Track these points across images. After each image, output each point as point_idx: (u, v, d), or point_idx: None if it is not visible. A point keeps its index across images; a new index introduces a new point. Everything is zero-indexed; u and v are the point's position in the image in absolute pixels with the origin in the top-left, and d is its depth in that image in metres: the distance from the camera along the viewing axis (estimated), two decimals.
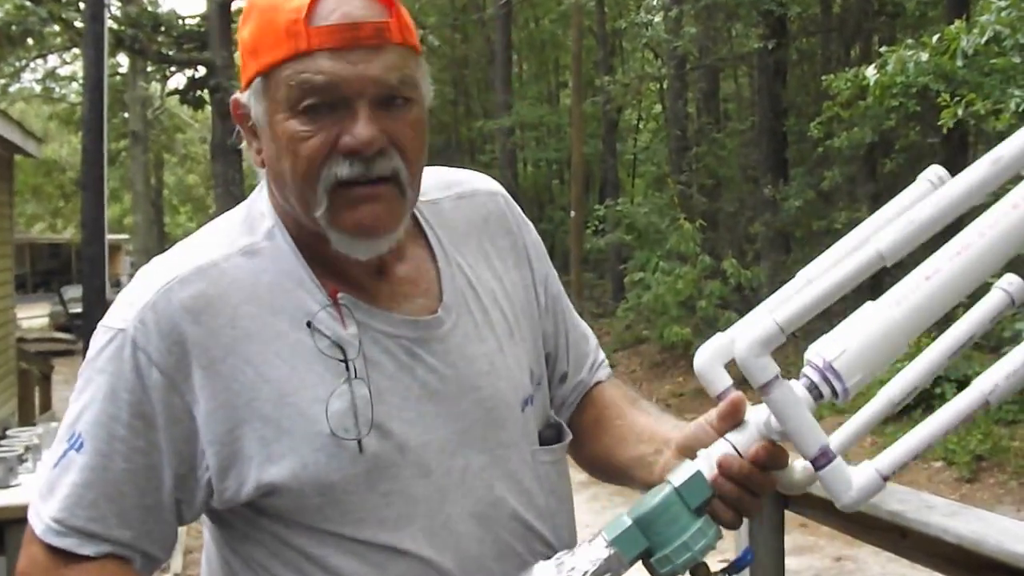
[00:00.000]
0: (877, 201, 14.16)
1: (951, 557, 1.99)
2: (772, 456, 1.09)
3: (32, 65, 23.79)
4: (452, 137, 27.99)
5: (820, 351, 1.03)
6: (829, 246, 1.27)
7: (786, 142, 15.29)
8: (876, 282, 1.41)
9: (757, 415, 1.11)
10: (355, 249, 1.13)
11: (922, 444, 1.03)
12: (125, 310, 1.14)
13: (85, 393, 1.14)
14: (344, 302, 1.14)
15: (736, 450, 1.09)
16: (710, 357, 1.21)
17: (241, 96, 1.16)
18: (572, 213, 18.17)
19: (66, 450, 1.13)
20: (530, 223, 1.39)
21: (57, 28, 16.52)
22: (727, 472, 1.08)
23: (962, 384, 10.47)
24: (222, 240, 1.18)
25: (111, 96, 12.34)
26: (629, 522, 1.06)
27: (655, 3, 17.38)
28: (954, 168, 1.10)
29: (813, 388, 1.04)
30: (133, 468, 1.12)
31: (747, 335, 1.00)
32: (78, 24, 13.98)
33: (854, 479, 1.03)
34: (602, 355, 1.44)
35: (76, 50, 19.96)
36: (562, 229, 22.27)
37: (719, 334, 1.22)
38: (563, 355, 1.37)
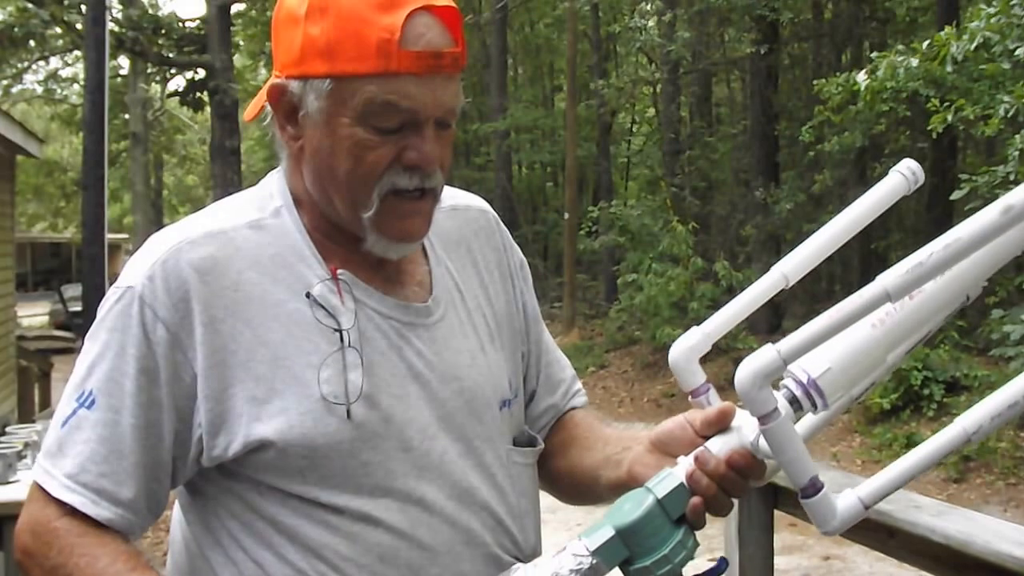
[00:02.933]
0: None
1: (939, 556, 2.02)
2: (751, 467, 1.12)
3: (34, 67, 23.75)
4: None
5: (805, 367, 1.04)
6: None
7: (777, 146, 15.35)
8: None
9: (743, 424, 1.13)
10: (390, 251, 1.22)
11: (904, 477, 1.05)
12: (134, 269, 1.18)
13: (93, 351, 1.17)
14: (343, 278, 1.20)
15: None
16: (685, 352, 1.21)
17: (291, 84, 1.17)
18: (566, 215, 18.22)
19: (76, 408, 1.15)
20: (517, 247, 1.44)
21: (59, 30, 16.46)
22: (704, 467, 1.11)
23: (950, 385, 10.40)
24: (231, 213, 1.23)
25: (112, 98, 12.33)
26: (612, 532, 1.06)
27: (649, 8, 17.42)
28: (943, 172, 1.11)
29: (795, 401, 1.06)
30: (139, 424, 1.14)
31: (749, 365, 0.99)
32: (79, 27, 13.96)
33: (839, 507, 1.05)
34: (578, 385, 1.48)
35: (78, 52, 19.92)
36: (556, 231, 22.30)
37: (694, 328, 1.22)
38: (532, 375, 1.42)
